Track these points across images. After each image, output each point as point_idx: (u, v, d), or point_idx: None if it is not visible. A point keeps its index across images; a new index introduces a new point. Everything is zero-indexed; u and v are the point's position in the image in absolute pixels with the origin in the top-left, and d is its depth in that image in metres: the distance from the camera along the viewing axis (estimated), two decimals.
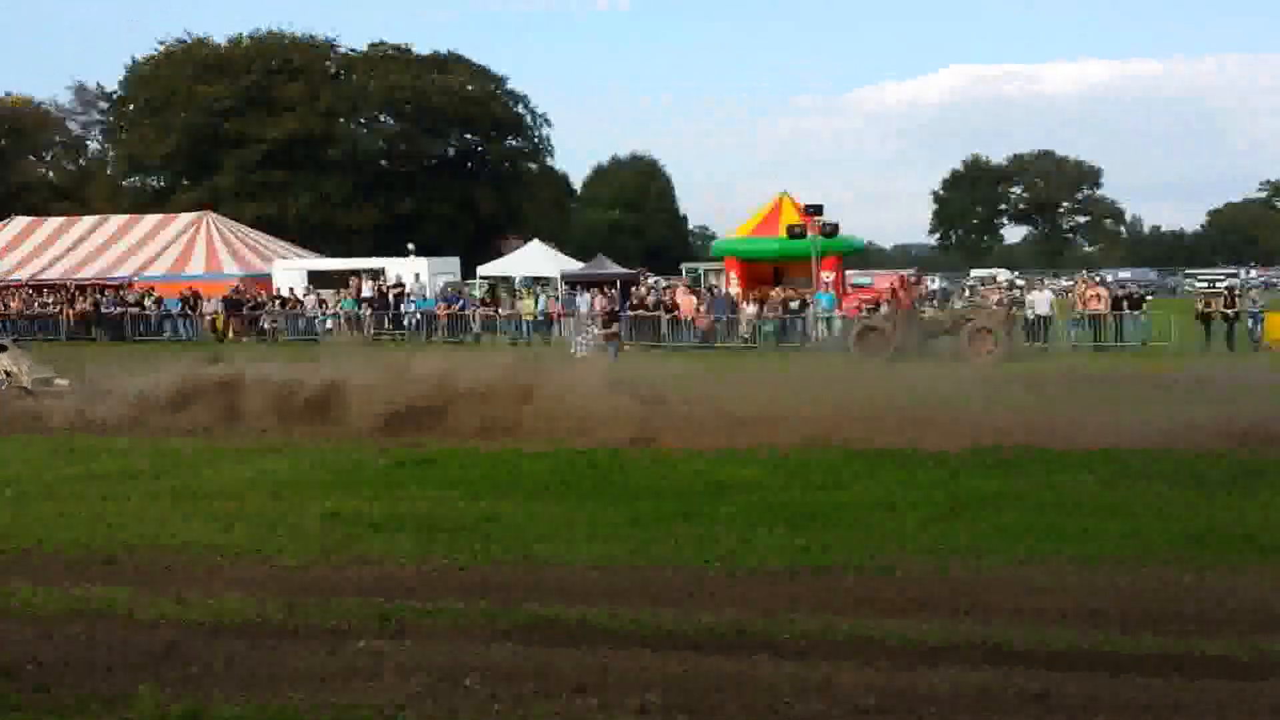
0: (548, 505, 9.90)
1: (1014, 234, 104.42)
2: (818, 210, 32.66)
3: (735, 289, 33.53)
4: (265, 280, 40.03)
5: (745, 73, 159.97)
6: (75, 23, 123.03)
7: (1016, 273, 61.98)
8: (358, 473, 11.52)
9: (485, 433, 13.56)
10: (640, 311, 31.36)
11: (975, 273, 65.81)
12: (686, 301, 32.13)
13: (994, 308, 28.09)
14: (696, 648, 6.20)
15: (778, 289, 32.34)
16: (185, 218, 46.95)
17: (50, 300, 39.31)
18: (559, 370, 17.56)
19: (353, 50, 64.92)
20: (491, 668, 5.90)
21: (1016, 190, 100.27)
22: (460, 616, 6.87)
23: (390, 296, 36.14)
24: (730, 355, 28.51)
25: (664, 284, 40.00)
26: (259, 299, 37.02)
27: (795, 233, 32.17)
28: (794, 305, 31.17)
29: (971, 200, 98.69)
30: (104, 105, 69.38)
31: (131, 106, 64.14)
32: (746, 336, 30.62)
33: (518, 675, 5.76)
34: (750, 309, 31.22)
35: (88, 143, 73.75)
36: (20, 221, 48.84)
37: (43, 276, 42.74)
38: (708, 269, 43.76)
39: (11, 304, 39.21)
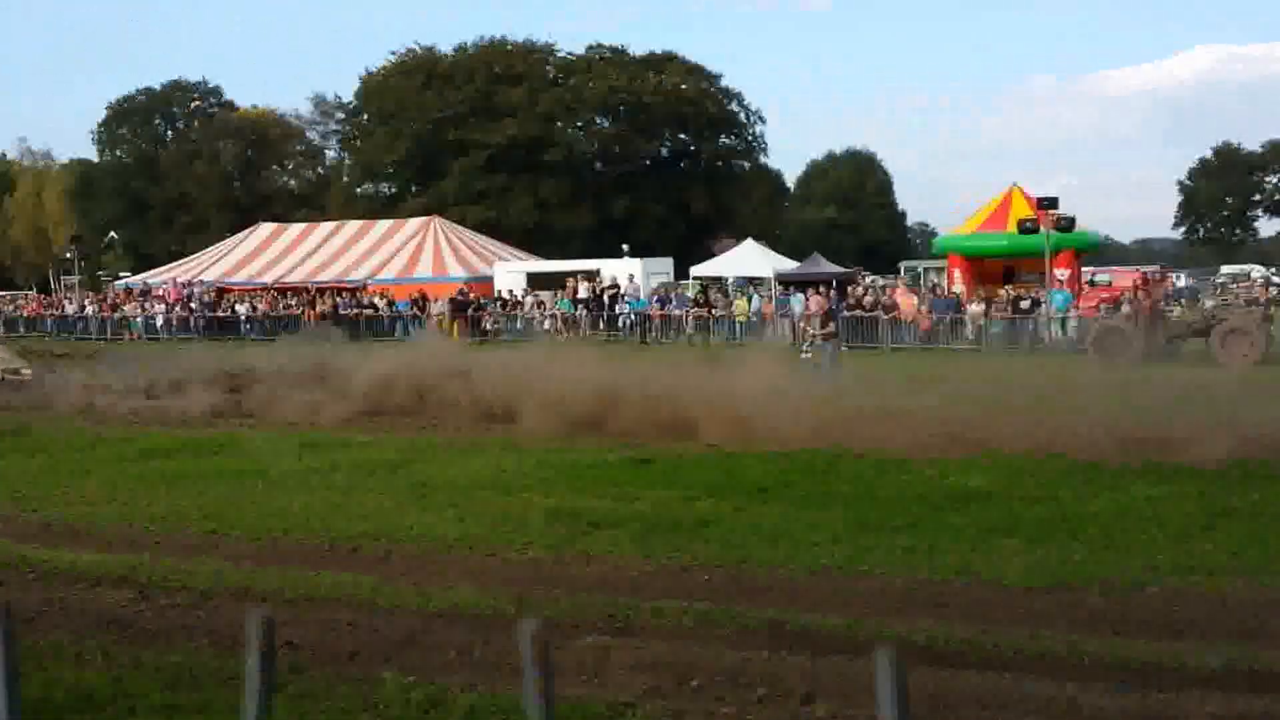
0: (767, 508, 9.82)
1: (1269, 227, 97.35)
2: (1052, 203, 31.17)
3: (960, 288, 32.57)
4: (487, 282, 41.39)
5: (971, 58, 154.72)
6: (316, 38, 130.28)
7: (1273, 269, 57.62)
8: (579, 471, 11.71)
9: (699, 434, 13.54)
10: (857, 312, 30.85)
11: (1226, 269, 61.58)
12: (907, 301, 31.42)
13: (1249, 308, 26.28)
14: (929, 660, 6.01)
15: (1007, 287, 31.22)
16: (414, 223, 49.01)
17: (293, 302, 41.73)
18: (774, 371, 17.41)
19: (570, 54, 66.39)
20: (718, 670, 5.89)
21: (1273, 180, 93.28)
22: (684, 617, 6.89)
23: (605, 297, 36.75)
24: (954, 357, 27.68)
25: (881, 283, 39.25)
26: (481, 300, 38.31)
27: (1026, 227, 30.85)
28: (1024, 305, 29.99)
29: (1222, 191, 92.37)
30: (340, 115, 73.15)
31: (365, 116, 67.37)
32: (971, 338, 29.66)
33: (745, 679, 5.73)
34: (976, 308, 30.24)
35: (326, 151, 77.96)
36: (266, 228, 52.15)
37: (286, 280, 45.43)
38: (928, 267, 42.70)
39: (259, 305, 41.81)
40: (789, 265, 41.61)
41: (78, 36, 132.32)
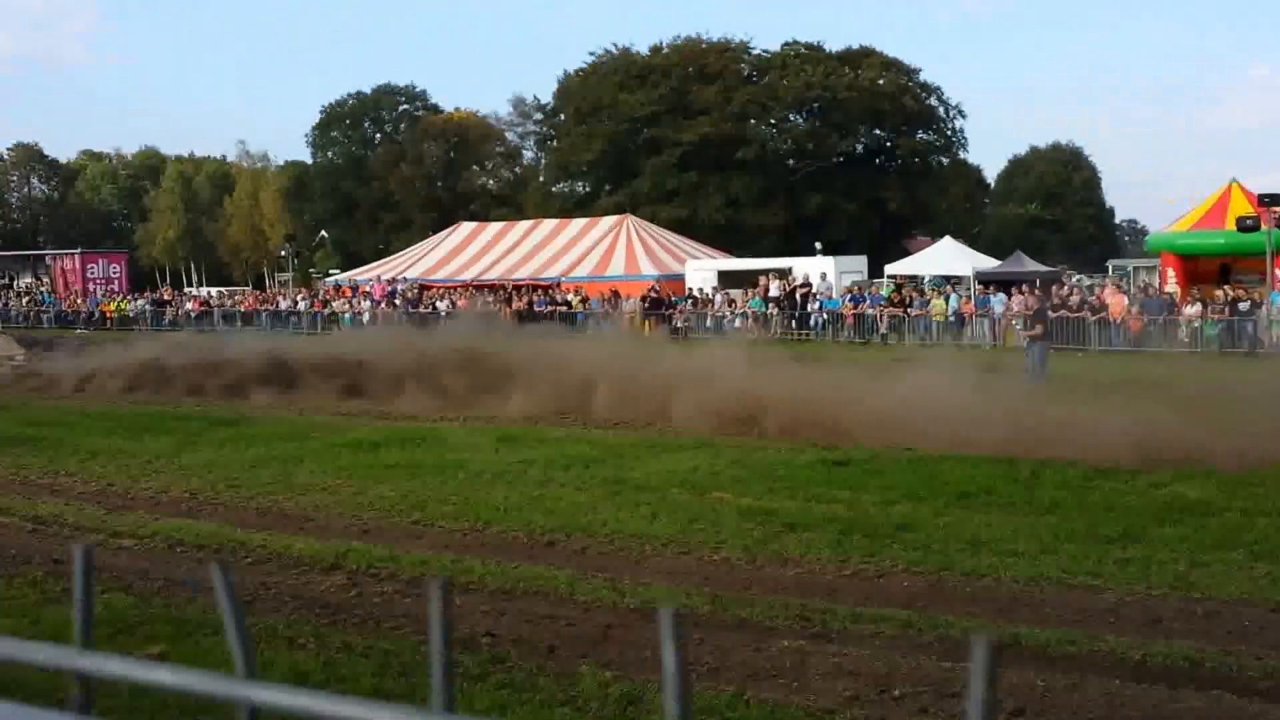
0: (969, 515, 9.50)
1: None
2: (1274, 200, 29.25)
3: (1173, 287, 30.93)
4: (678, 280, 41.58)
5: (1185, 45, 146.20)
6: (519, 42, 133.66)
7: None
8: (773, 471, 11.60)
9: (893, 436, 13.15)
10: (1063, 312, 29.63)
11: None
12: (1116, 301, 29.99)
13: None
14: (1144, 678, 5.69)
15: (1224, 287, 29.46)
16: (608, 221, 49.68)
17: (490, 299, 42.89)
18: (974, 372, 16.89)
19: (765, 51, 66.08)
20: (921, 679, 5.72)
21: None
22: (883, 623, 6.72)
23: (797, 296, 36.42)
24: (1166, 361, 26.27)
25: (1087, 282, 37.62)
26: (672, 298, 38.53)
27: (1246, 225, 29.04)
28: (1243, 306, 28.24)
29: None
30: (538, 116, 74.81)
31: (562, 116, 68.67)
32: (1185, 340, 28.10)
33: (950, 690, 5.53)
34: (1191, 309, 28.65)
35: (524, 152, 79.87)
36: (466, 227, 53.80)
37: (484, 277, 46.75)
38: (1138, 266, 40.69)
39: (458, 302, 43.14)
40: (989, 264, 40.30)
41: (295, 44, 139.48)
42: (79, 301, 52.31)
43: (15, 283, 57.11)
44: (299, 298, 48.35)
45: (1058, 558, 8.06)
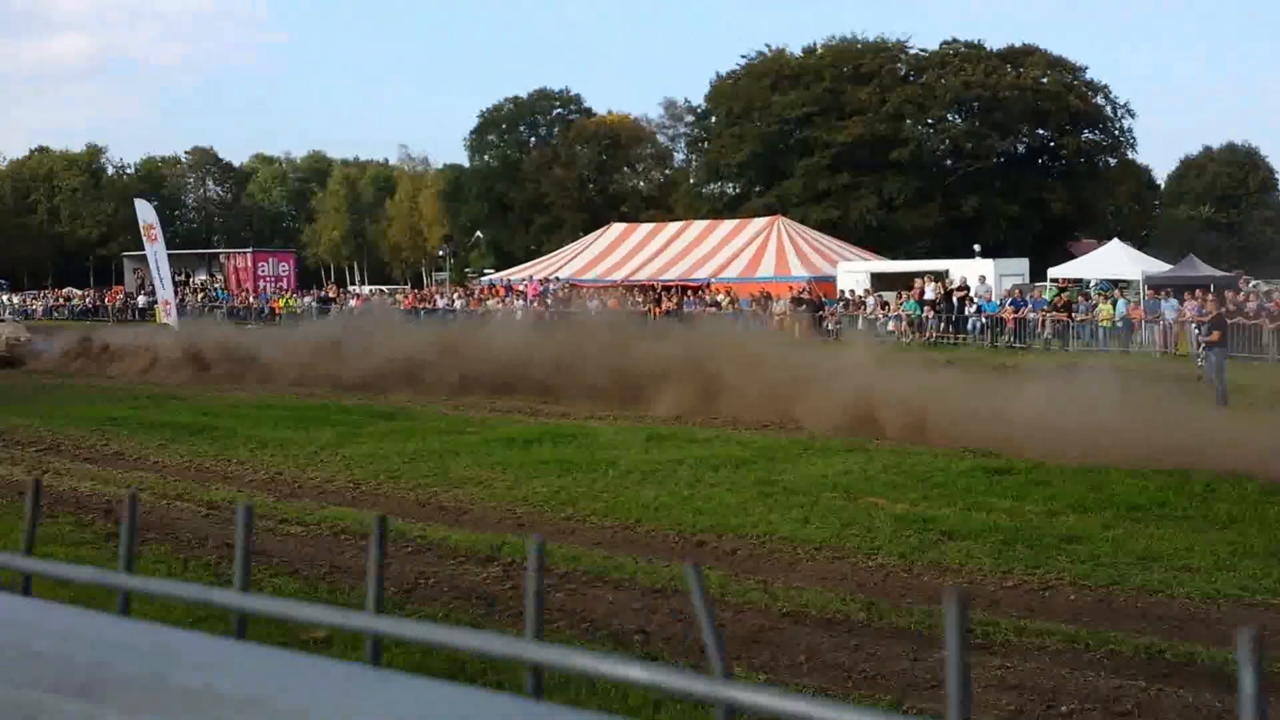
0: (1139, 528, 9.11)
1: None
2: None
3: None
4: (829, 282, 41.10)
5: None
6: (672, 45, 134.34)
7: None
8: (929, 477, 11.32)
9: (1056, 446, 12.60)
10: (1239, 319, 28.20)
11: None
12: None
13: None
14: None
15: None
16: (758, 222, 49.44)
17: (640, 300, 43.13)
18: (1145, 383, 16.21)
19: (923, 51, 64.81)
20: (1088, 695, 5.49)
21: None
22: (1049, 637, 6.49)
23: (954, 299, 35.58)
24: None
25: (1265, 288, 35.76)
26: (823, 300, 38.10)
27: None
28: None
29: None
30: (689, 119, 75.01)
31: (713, 118, 68.65)
32: None
33: (1119, 708, 5.29)
34: None
35: (674, 154, 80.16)
36: (617, 228, 54.25)
37: (634, 278, 47.05)
38: None
39: (609, 302, 43.52)
40: (1160, 267, 38.62)
41: (456, 51, 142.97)
42: (250, 299, 54.60)
43: (191, 280, 59.90)
44: (455, 296, 49.49)
45: (1235, 575, 7.66)
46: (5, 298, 64.87)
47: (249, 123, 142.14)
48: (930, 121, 64.15)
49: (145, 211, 40.45)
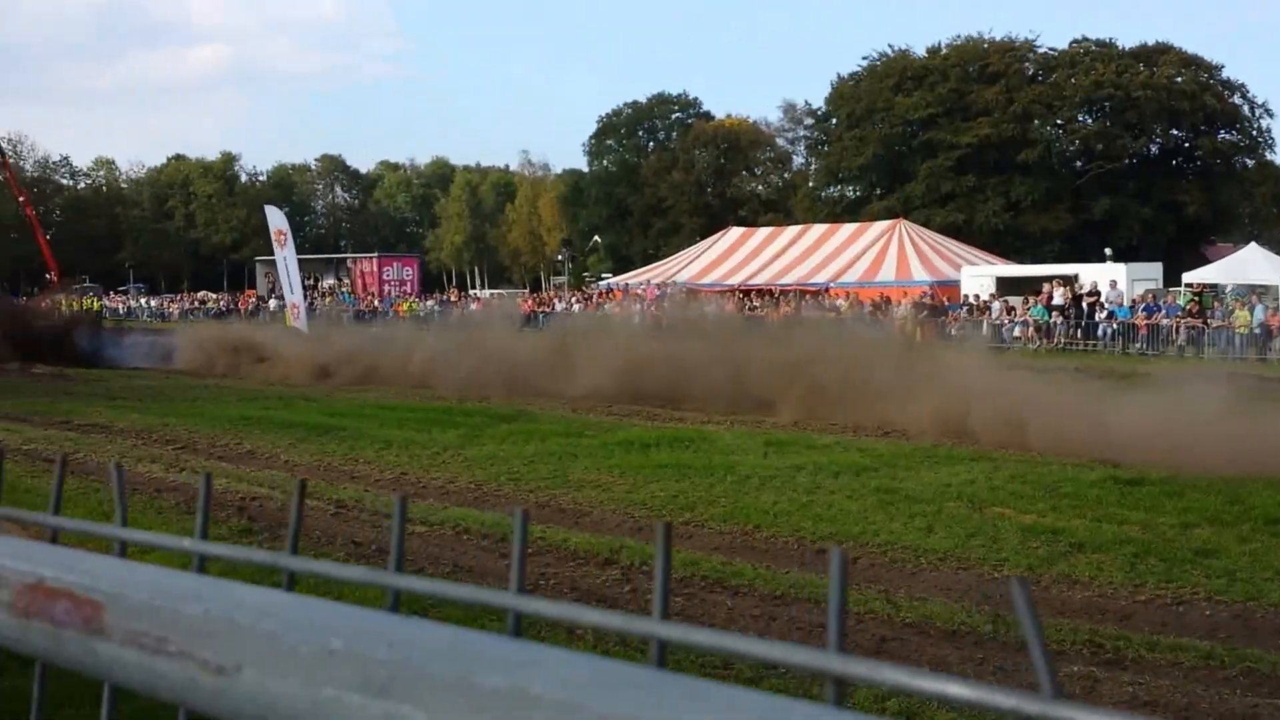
0: (1277, 542, 8.73)
1: None
2: None
3: None
4: (953, 286, 40.36)
5: None
6: (792, 48, 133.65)
7: None
8: (1057, 488, 11.02)
9: (1188, 456, 12.11)
10: None
11: None
12: None
13: None
14: None
15: None
16: (879, 226, 48.83)
17: (758, 304, 42.96)
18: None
19: (1052, 50, 63.25)
20: (1224, 714, 5.31)
21: None
22: (1182, 653, 6.26)
23: (1083, 304, 34.60)
24: None
25: None
26: (946, 305, 37.43)
27: None
28: None
29: None
30: (809, 121, 74.47)
31: (834, 121, 68.05)
32: None
33: None
34: None
35: (793, 157, 79.71)
36: (735, 232, 54.14)
37: (752, 282, 46.88)
38: None
39: (726, 306, 43.43)
40: None
41: (578, 57, 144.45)
42: (375, 302, 55.93)
43: (320, 283, 61.63)
44: (573, 300, 49.95)
45: None
46: (144, 300, 67.69)
47: (376, 130, 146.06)
48: (1059, 122, 62.57)
49: (276, 218, 41.73)
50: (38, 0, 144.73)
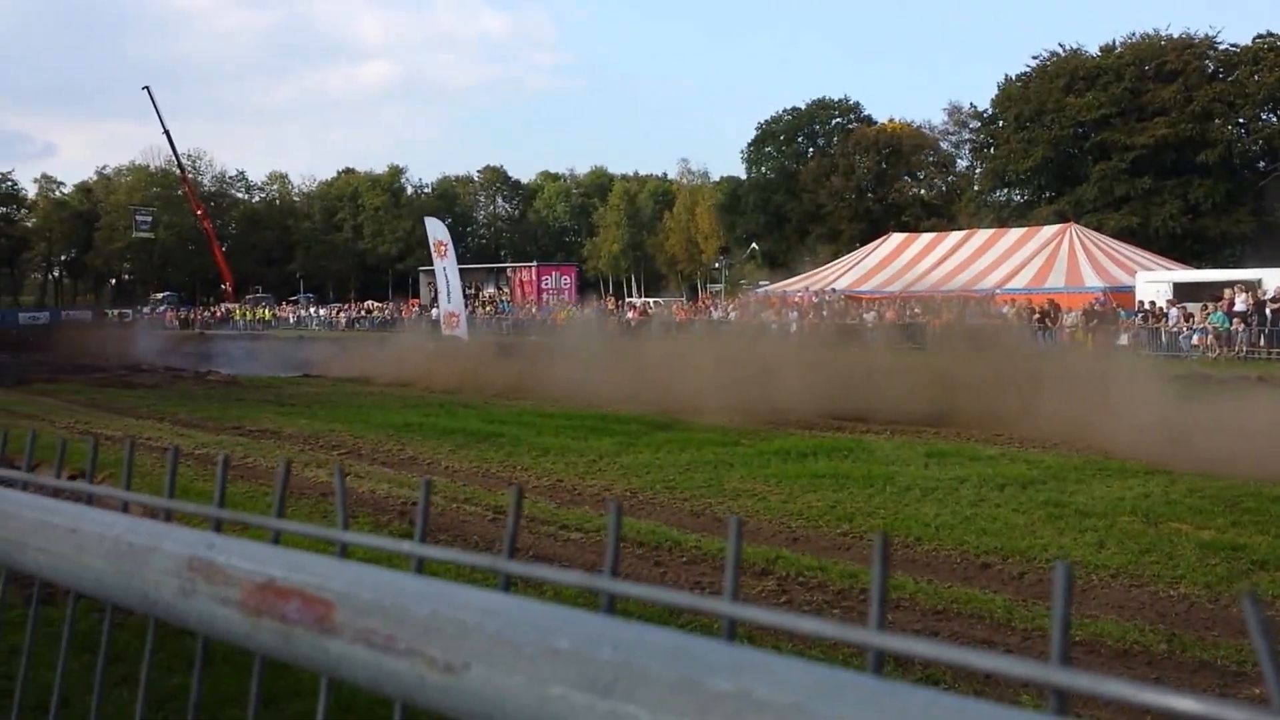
0: None
1: None
2: None
3: None
4: (1126, 293, 38.79)
5: None
6: (958, 49, 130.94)
7: None
8: (1238, 503, 10.44)
9: None
10: None
11: None
12: None
13: None
14: None
15: None
16: (1048, 230, 47.32)
17: (919, 311, 42.11)
18: None
19: (1234, 46, 60.30)
20: None
21: None
22: None
23: (1267, 311, 32.82)
24: None
25: None
26: (1119, 312, 35.99)
27: None
28: None
29: None
30: (974, 124, 72.71)
31: (1001, 123, 66.34)
32: None
33: None
34: None
35: (957, 160, 77.97)
36: (896, 238, 53.24)
37: (914, 288, 45.96)
38: None
39: (886, 314, 42.72)
40: None
41: (739, 65, 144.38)
42: (534, 310, 56.96)
43: (481, 292, 63.11)
44: (729, 308, 49.87)
45: None
46: (313, 310, 70.47)
47: (537, 141, 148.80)
48: (1241, 121, 59.62)
49: (435, 229, 42.93)
50: (215, 22, 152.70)
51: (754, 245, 78.06)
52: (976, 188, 70.35)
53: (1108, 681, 0.58)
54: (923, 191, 77.91)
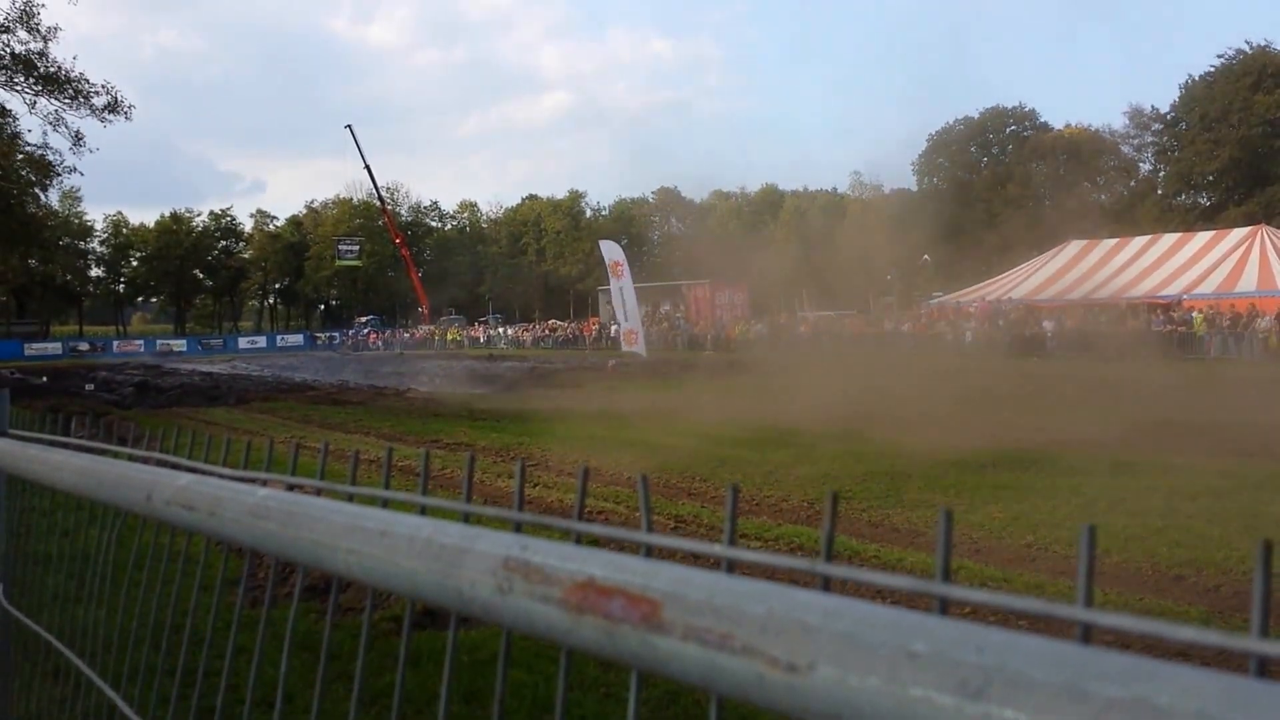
0: None
1: None
2: None
3: None
4: None
5: None
6: (1139, 52, 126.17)
7: None
8: None
9: None
10: None
11: None
12: None
13: None
14: None
15: None
16: (1238, 233, 45.18)
17: (1102, 318, 40.72)
18: None
19: None
20: None
21: None
22: None
23: None
24: None
25: None
26: None
27: None
28: None
29: None
30: (1157, 127, 69.93)
31: (1184, 125, 63.66)
32: None
33: None
34: None
35: (1139, 164, 75.04)
36: (1075, 245, 51.60)
37: (1095, 296, 44.47)
38: None
39: (1067, 322, 41.44)
40: None
41: (909, 77, 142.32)
42: (709, 326, 57.35)
43: (658, 310, 63.93)
44: (903, 320, 49.19)
45: None
46: (501, 329, 72.93)
47: (708, 161, 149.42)
48: None
49: (611, 250, 43.84)
50: (408, 64, 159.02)
51: (926, 256, 76.63)
52: (1160, 192, 67.58)
53: None
54: (1103, 197, 75.24)
